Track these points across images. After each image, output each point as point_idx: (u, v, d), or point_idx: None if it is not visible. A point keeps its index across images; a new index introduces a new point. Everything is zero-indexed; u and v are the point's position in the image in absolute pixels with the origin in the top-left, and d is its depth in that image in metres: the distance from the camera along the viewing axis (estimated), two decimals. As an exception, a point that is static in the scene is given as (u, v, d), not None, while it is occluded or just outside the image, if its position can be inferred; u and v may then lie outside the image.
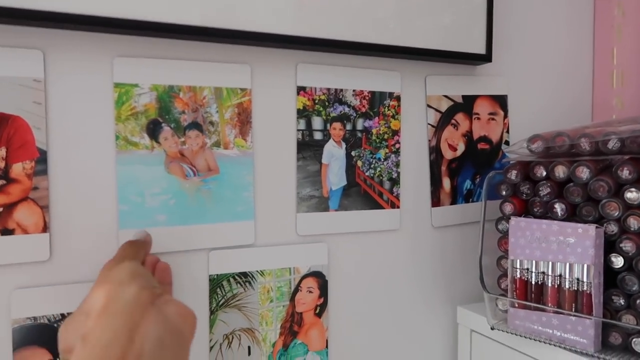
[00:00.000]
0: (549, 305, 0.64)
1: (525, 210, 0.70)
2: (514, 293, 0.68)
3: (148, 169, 0.62)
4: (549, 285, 0.64)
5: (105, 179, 0.60)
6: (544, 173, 0.66)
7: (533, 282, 0.66)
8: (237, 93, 0.67)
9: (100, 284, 0.44)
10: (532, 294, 0.66)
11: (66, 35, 0.58)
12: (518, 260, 0.67)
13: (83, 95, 0.59)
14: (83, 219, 0.59)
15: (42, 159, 0.57)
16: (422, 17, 0.75)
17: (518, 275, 0.67)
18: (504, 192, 0.70)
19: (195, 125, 0.65)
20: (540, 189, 0.66)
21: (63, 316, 0.57)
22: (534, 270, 0.66)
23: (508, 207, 0.69)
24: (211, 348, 0.65)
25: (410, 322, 0.80)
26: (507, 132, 0.88)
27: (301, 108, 0.71)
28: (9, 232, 0.55)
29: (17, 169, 0.56)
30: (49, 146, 0.58)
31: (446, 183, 0.82)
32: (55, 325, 0.57)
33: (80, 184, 0.59)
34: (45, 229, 0.57)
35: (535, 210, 0.68)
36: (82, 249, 0.59)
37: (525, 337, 0.66)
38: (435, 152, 0.81)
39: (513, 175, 0.68)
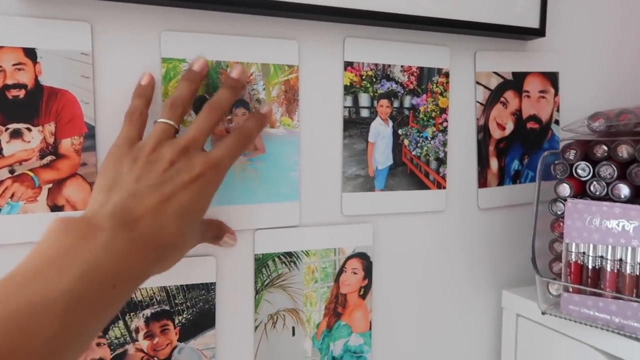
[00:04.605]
0: (607, 290, 0.62)
1: (582, 192, 0.67)
2: (569, 277, 0.65)
3: (194, 146, 0.61)
4: (608, 269, 0.62)
5: (152, 155, 0.59)
6: (606, 153, 0.63)
7: (590, 267, 0.63)
8: (285, 70, 0.65)
9: None
10: (588, 278, 0.64)
11: (113, 7, 0.56)
12: (574, 244, 0.65)
13: (131, 70, 0.58)
14: (131, 196, 0.58)
15: (90, 134, 0.56)
16: (475, -11, 0.71)
17: (573, 259, 0.65)
18: (559, 173, 0.67)
19: (242, 103, 0.63)
20: (601, 169, 0.63)
21: (113, 293, 0.57)
22: (591, 254, 0.63)
23: (565, 189, 0.66)
24: (256, 328, 0.65)
25: (454, 305, 0.79)
26: (558, 110, 0.84)
27: (348, 84, 0.68)
28: (58, 208, 0.55)
29: (66, 145, 0.55)
30: (97, 121, 0.57)
31: (494, 163, 0.79)
32: (105, 301, 0.57)
33: (128, 160, 0.58)
34: (94, 205, 0.56)
35: (594, 191, 0.65)
36: (129, 226, 0.59)
37: (580, 322, 0.64)
38: (483, 131, 0.78)
39: (571, 155, 0.65)
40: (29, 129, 0.54)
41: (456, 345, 0.80)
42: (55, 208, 0.55)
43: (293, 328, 0.67)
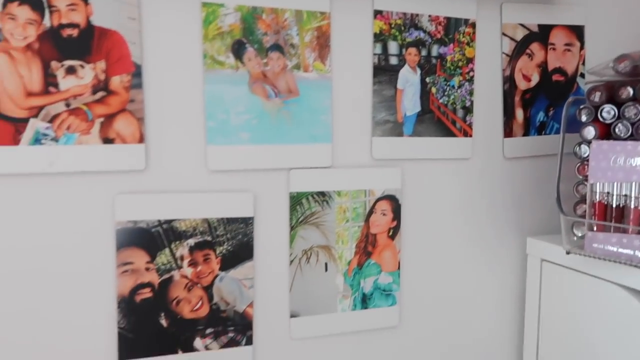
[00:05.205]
0: (631, 226, 0.63)
1: (606, 135, 0.68)
2: (593, 217, 0.67)
3: (233, 88, 0.64)
4: (632, 207, 0.64)
5: (194, 95, 0.63)
6: (631, 93, 0.64)
7: (614, 205, 0.65)
8: (317, 16, 0.68)
9: None
10: (612, 218, 0.66)
11: (158, -48, 0.60)
12: (598, 184, 0.66)
13: (174, 13, 0.61)
14: (174, 133, 0.62)
15: (137, 72, 0.60)
16: (503, -62, 0.73)
17: (598, 199, 0.67)
18: (585, 117, 0.69)
19: (277, 47, 0.66)
20: (626, 110, 0.64)
21: (159, 222, 0.61)
22: (615, 193, 0.65)
23: (590, 131, 0.68)
24: (291, 262, 0.68)
25: (479, 249, 0.81)
26: (583, 64, 0.85)
27: (378, 32, 0.71)
28: (109, 140, 0.59)
29: (116, 82, 0.59)
30: (143, 60, 0.60)
31: (519, 114, 0.81)
32: (153, 230, 0.61)
33: (172, 99, 0.62)
34: (141, 139, 0.60)
35: (618, 133, 0.66)
36: (173, 161, 0.62)
37: (604, 259, 0.66)
38: (509, 82, 0.80)
39: (596, 97, 0.67)
40: (82, 66, 0.57)
41: (481, 288, 0.82)
42: (106, 140, 0.59)
43: (326, 264, 0.70)
